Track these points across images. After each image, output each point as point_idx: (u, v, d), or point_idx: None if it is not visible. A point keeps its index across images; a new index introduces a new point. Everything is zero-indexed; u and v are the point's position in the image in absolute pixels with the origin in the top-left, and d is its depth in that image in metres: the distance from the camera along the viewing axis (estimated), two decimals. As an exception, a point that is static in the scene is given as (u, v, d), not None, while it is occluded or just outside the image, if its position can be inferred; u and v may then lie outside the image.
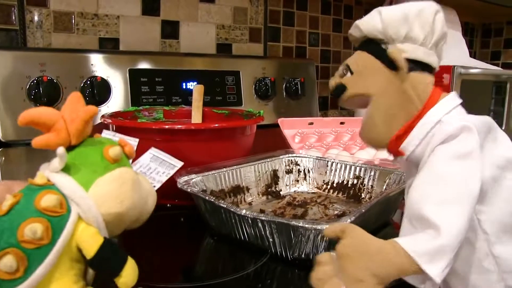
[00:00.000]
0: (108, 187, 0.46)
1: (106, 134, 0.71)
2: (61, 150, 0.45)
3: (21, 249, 0.41)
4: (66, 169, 0.46)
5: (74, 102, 0.47)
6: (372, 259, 0.44)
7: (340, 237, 0.47)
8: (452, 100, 0.54)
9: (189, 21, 1.32)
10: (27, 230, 0.41)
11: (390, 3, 1.56)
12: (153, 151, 0.70)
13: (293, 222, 0.57)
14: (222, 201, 0.66)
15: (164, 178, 0.66)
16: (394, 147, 0.54)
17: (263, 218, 0.60)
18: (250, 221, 0.62)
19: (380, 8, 0.55)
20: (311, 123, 1.28)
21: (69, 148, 0.47)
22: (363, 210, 0.61)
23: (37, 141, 0.45)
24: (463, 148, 0.48)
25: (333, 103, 1.75)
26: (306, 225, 0.56)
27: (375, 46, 0.55)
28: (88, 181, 0.45)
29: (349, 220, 0.57)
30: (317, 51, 1.66)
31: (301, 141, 1.23)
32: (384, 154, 1.12)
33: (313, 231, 0.57)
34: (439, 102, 0.53)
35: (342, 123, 1.33)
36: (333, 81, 0.59)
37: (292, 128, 1.25)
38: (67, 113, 0.46)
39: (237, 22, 1.42)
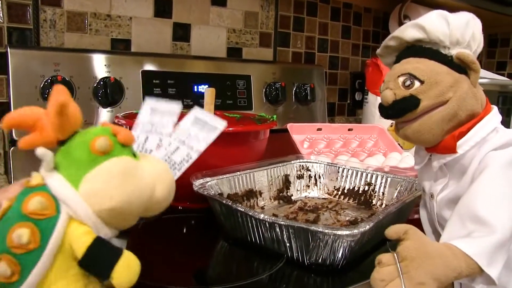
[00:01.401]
0: (96, 183, 0.44)
1: (148, 102, 0.65)
2: (39, 151, 0.43)
3: (12, 254, 0.41)
4: (58, 167, 0.45)
5: (53, 95, 0.45)
6: (434, 263, 0.46)
7: (402, 238, 0.48)
8: (498, 112, 0.56)
9: (200, 24, 1.32)
10: (14, 236, 0.41)
11: (400, 13, 1.57)
12: (196, 112, 0.64)
13: (313, 227, 0.57)
14: (240, 205, 0.66)
15: (203, 146, 0.60)
16: (451, 143, 0.54)
17: (282, 222, 0.60)
18: (267, 225, 0.63)
19: (441, 12, 0.55)
20: (320, 129, 1.28)
21: (62, 143, 0.45)
22: (380, 217, 0.62)
23: (22, 143, 0.44)
24: None
25: (340, 109, 1.75)
26: (326, 230, 0.56)
27: (436, 51, 0.56)
28: (77, 178, 0.44)
29: (367, 227, 0.57)
30: (326, 57, 1.67)
31: (310, 146, 1.23)
32: (393, 162, 1.13)
33: (331, 236, 0.57)
34: (493, 110, 0.55)
35: (350, 129, 1.33)
36: (391, 94, 0.56)
37: (300, 134, 1.25)
38: (48, 109, 0.44)
39: (247, 27, 1.43)
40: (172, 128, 0.62)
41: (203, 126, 0.62)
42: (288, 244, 0.62)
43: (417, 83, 0.54)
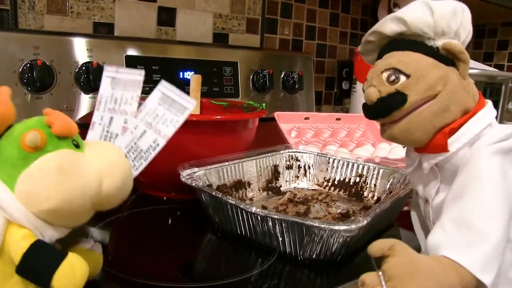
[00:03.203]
0: (29, 183, 0.40)
1: (108, 72, 0.60)
2: None
3: None
4: None
5: None
6: (424, 282, 0.42)
7: (388, 255, 0.44)
8: (492, 107, 0.53)
9: (186, 8, 1.28)
10: None
11: (389, 0, 1.54)
12: (163, 87, 0.58)
13: (308, 222, 0.55)
14: (230, 197, 0.64)
15: (171, 131, 0.55)
16: (441, 141, 0.50)
17: (275, 216, 0.58)
18: (259, 219, 0.60)
19: (425, 1, 0.51)
20: (307, 118, 1.26)
21: None
22: (377, 211, 0.59)
23: None
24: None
25: (327, 98, 1.73)
26: (322, 225, 0.54)
27: (420, 43, 0.52)
28: (11, 178, 0.41)
29: (365, 222, 0.55)
30: (313, 45, 1.64)
31: (298, 136, 1.21)
32: (382, 153, 1.11)
33: (327, 231, 0.55)
34: (487, 104, 0.52)
35: (338, 119, 1.31)
36: (375, 91, 0.51)
37: (288, 123, 1.22)
38: None
39: (234, 12, 1.39)
40: (136, 105, 0.57)
41: (171, 105, 0.57)
42: (280, 239, 0.60)
43: (402, 78, 0.50)
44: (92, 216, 0.46)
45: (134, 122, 0.57)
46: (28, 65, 0.92)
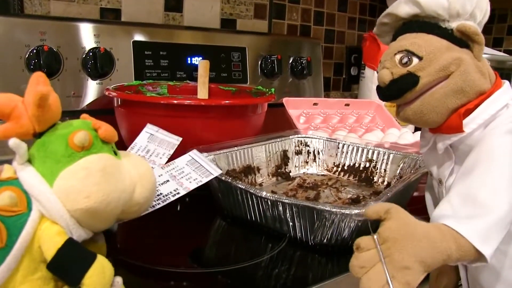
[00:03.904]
0: (72, 180, 0.41)
1: (148, 129, 0.67)
2: (12, 142, 0.40)
3: None
4: (32, 160, 0.42)
5: (32, 84, 0.42)
6: (420, 245, 0.42)
7: (384, 218, 0.43)
8: (510, 87, 0.52)
9: (193, -6, 1.27)
10: None
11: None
12: (194, 154, 0.65)
13: (319, 206, 0.54)
14: (240, 182, 0.63)
15: (193, 186, 0.60)
16: (457, 121, 0.50)
17: (285, 200, 0.57)
18: (269, 204, 0.59)
19: None
20: (316, 104, 1.25)
21: (39, 135, 0.43)
22: (389, 195, 0.59)
23: None
24: None
25: (335, 84, 1.71)
26: (333, 209, 0.53)
27: (434, 25, 0.51)
28: (52, 173, 0.41)
29: (377, 206, 0.54)
30: (322, 30, 1.62)
31: (306, 121, 1.20)
32: (392, 138, 1.10)
33: (338, 215, 0.54)
34: (504, 85, 0.51)
35: (347, 104, 1.30)
36: (387, 73, 0.51)
37: (296, 109, 1.22)
38: (26, 97, 0.42)
39: (242, -3, 1.38)
40: (165, 160, 0.62)
41: (197, 168, 0.62)
42: (291, 224, 0.59)
43: (415, 60, 0.49)
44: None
45: (159, 171, 0.60)
46: (35, 51, 0.91)
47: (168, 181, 0.60)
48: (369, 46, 1.49)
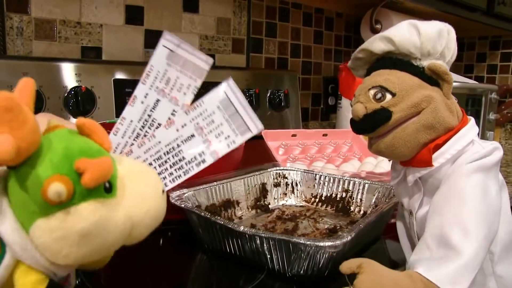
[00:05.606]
0: (46, 238, 0.36)
1: (167, 41, 0.49)
2: None
3: None
4: (10, 195, 0.37)
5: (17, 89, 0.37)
6: None
7: (357, 272, 0.47)
8: (475, 124, 0.55)
9: (172, 30, 1.30)
10: None
11: (371, 17, 1.58)
12: (227, 86, 0.47)
13: (294, 239, 0.56)
14: (218, 217, 0.65)
15: (223, 150, 0.45)
16: (426, 156, 0.53)
17: (262, 234, 0.59)
18: (247, 237, 0.61)
19: (412, 22, 0.54)
20: (294, 135, 1.28)
21: (13, 167, 0.36)
22: (361, 226, 0.61)
23: None
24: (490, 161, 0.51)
25: (314, 114, 1.75)
26: (308, 242, 0.55)
27: (407, 63, 0.54)
28: (26, 219, 0.37)
29: (349, 237, 0.57)
30: (299, 62, 1.67)
31: (285, 153, 1.23)
32: (369, 167, 1.13)
33: (313, 247, 0.56)
34: (470, 122, 0.54)
35: (325, 135, 1.33)
36: (361, 107, 0.54)
37: (275, 140, 1.24)
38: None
39: (220, 33, 1.41)
40: (191, 97, 0.46)
41: (232, 117, 0.46)
42: (269, 256, 0.61)
43: (388, 96, 0.52)
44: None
45: (183, 119, 0.47)
46: (18, 91, 0.93)
47: (193, 136, 0.46)
48: (344, 76, 1.53)
